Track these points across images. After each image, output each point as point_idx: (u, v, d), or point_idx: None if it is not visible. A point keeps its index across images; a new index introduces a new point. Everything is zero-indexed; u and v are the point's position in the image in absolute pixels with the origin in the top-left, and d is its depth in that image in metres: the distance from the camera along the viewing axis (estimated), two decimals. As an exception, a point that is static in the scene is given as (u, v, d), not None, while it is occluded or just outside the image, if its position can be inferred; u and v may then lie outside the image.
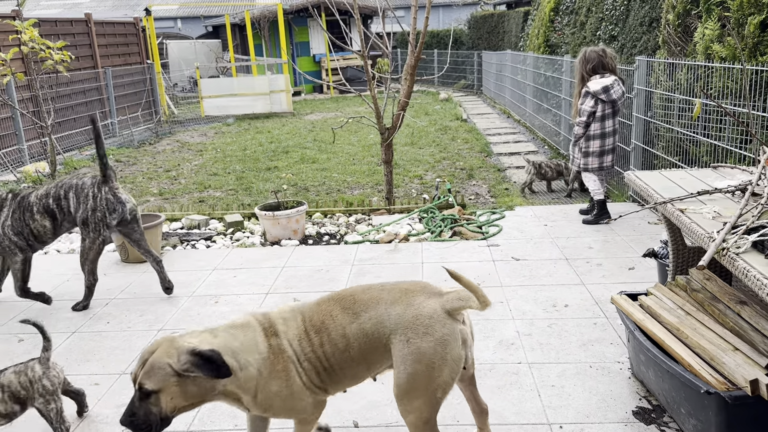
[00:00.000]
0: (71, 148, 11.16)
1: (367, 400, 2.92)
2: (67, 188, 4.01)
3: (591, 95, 5.29)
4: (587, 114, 5.31)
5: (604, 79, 5.30)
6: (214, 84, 15.43)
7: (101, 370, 3.33)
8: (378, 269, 4.59)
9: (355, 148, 10.37)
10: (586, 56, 5.36)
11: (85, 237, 4.02)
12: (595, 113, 5.31)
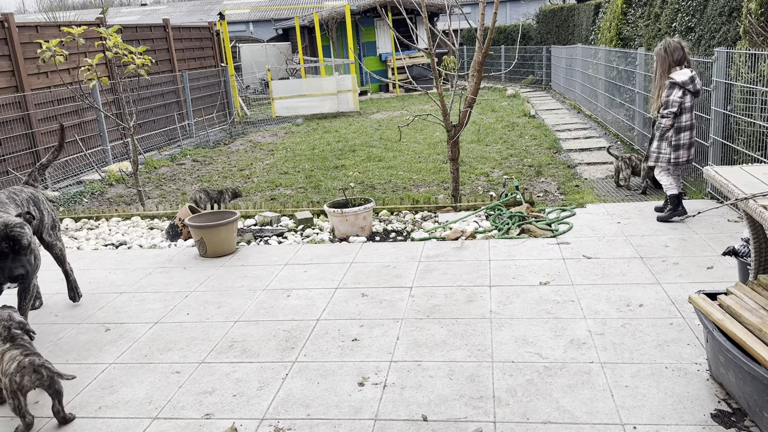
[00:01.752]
0: (151, 148, 11.72)
1: (436, 394, 2.95)
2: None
3: (678, 86, 5.12)
4: (677, 105, 5.13)
5: (686, 70, 5.14)
6: (284, 85, 15.81)
7: (181, 359, 3.50)
8: (445, 266, 4.61)
9: (420, 146, 10.39)
10: (670, 47, 5.18)
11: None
12: (684, 104, 5.15)
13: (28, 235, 3.34)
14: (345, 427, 2.76)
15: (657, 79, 5.32)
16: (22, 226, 3.32)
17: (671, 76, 5.16)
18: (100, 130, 10.48)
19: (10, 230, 3.27)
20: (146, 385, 3.25)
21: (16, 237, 3.27)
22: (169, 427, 2.86)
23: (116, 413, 3.01)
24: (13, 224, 3.29)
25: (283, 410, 2.93)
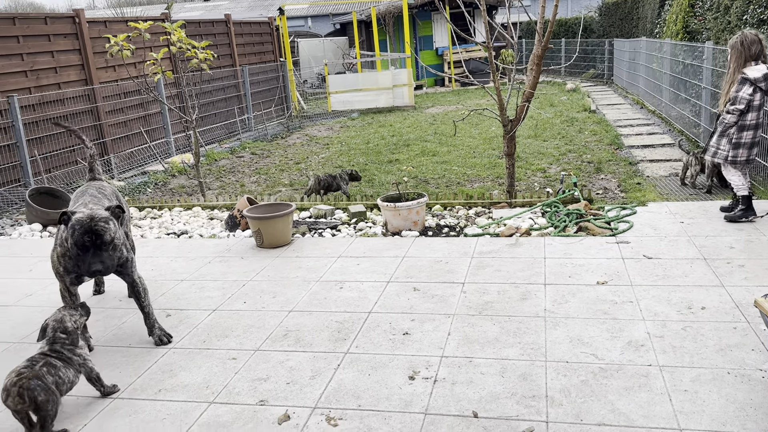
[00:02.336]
0: (212, 141, 12.05)
1: (487, 391, 2.93)
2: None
3: (750, 82, 4.88)
4: (745, 102, 4.89)
5: (762, 66, 4.88)
6: (340, 80, 15.95)
7: (238, 345, 3.60)
8: (498, 262, 4.56)
9: (475, 140, 10.30)
10: (747, 39, 4.92)
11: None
12: (752, 102, 4.90)
13: (111, 230, 3.27)
14: (395, 419, 2.78)
15: (730, 74, 5.07)
16: (107, 221, 3.26)
17: (744, 71, 4.92)
18: (163, 123, 10.84)
19: (95, 224, 3.22)
20: (204, 370, 3.35)
21: (99, 232, 3.21)
22: (225, 412, 2.95)
23: (175, 396, 3.12)
24: (98, 218, 3.24)
25: (335, 400, 2.97)
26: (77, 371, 2.97)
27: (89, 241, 3.19)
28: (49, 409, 2.73)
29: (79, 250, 3.22)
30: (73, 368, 2.94)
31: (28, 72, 8.47)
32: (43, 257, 5.47)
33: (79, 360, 2.98)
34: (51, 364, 2.84)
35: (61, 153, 8.79)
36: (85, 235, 3.18)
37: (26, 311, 4.32)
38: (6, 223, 7.06)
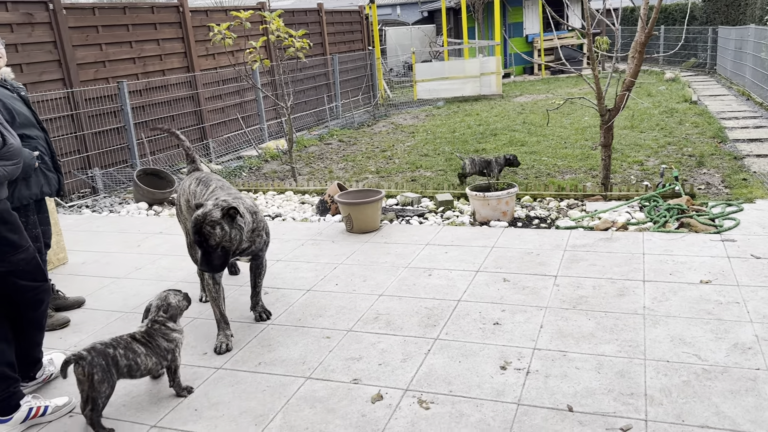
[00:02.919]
0: (301, 128, 12.37)
1: (582, 386, 2.89)
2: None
3: None
4: None
5: None
6: (426, 68, 15.90)
7: (331, 325, 3.72)
8: (593, 257, 4.45)
9: (567, 131, 10.02)
10: None
11: None
12: None
13: (217, 235, 3.24)
14: (487, 407, 2.79)
15: None
16: (214, 226, 3.23)
17: None
18: (258, 110, 11.24)
19: (203, 227, 3.23)
20: (300, 346, 3.49)
21: (205, 235, 3.23)
22: (320, 387, 3.06)
23: (273, 370, 3.27)
24: (209, 221, 3.23)
25: (426, 384, 3.02)
26: (161, 359, 2.97)
27: (198, 241, 3.26)
28: (102, 391, 2.74)
29: (196, 244, 3.32)
30: (157, 356, 2.95)
31: (136, 59, 9.01)
32: (150, 234, 5.84)
33: (169, 346, 2.99)
34: (131, 348, 2.87)
35: (165, 137, 9.30)
36: (195, 234, 3.25)
37: (136, 284, 4.63)
38: (115, 201, 7.58)
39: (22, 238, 2.86)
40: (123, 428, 2.85)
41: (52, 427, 2.91)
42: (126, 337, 2.93)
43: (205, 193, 3.73)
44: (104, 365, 2.76)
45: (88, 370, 2.71)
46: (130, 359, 2.87)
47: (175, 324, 3.07)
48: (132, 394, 3.12)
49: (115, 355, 2.81)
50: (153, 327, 3.00)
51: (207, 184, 3.82)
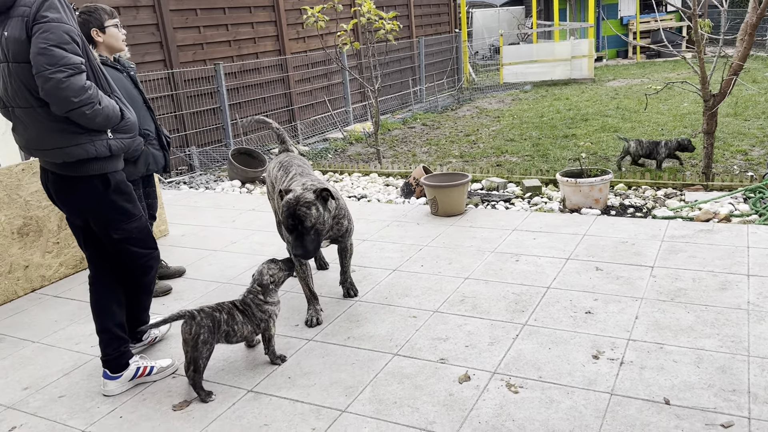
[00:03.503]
0: (385, 111, 12.44)
1: (680, 380, 2.78)
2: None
3: None
4: None
5: None
6: (514, 51, 15.56)
7: (417, 305, 3.76)
8: (692, 248, 4.24)
9: (664, 117, 9.55)
10: None
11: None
12: None
13: (313, 216, 3.24)
14: (579, 395, 2.75)
15: None
16: (309, 207, 3.23)
17: None
18: (344, 93, 11.40)
19: (297, 209, 3.23)
20: (387, 324, 3.55)
21: (301, 217, 3.22)
22: (408, 364, 3.11)
23: (362, 344, 3.35)
24: (303, 202, 3.23)
25: (514, 368, 3.00)
26: (256, 327, 3.11)
27: (292, 225, 3.25)
28: (203, 352, 2.90)
29: (287, 230, 3.30)
30: (252, 325, 3.09)
31: (231, 42, 9.34)
32: (244, 210, 6.09)
33: (263, 316, 3.10)
34: (232, 315, 3.03)
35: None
36: (289, 218, 3.23)
37: (232, 256, 4.85)
38: (210, 178, 7.94)
39: (136, 207, 3.06)
40: (222, 390, 3.02)
41: (156, 387, 3.12)
42: (228, 304, 3.08)
43: (285, 179, 3.77)
44: (210, 327, 2.93)
45: (195, 330, 2.87)
46: (230, 325, 3.02)
47: (269, 296, 3.17)
48: (230, 360, 3.29)
49: (220, 320, 2.98)
50: (248, 297, 3.14)
51: (287, 169, 3.84)
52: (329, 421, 2.72)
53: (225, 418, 2.81)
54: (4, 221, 4.31)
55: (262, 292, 3.14)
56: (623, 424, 2.53)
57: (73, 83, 2.62)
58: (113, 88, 2.93)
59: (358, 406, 2.81)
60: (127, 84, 3.93)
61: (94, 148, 2.81)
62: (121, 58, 4.07)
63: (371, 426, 2.67)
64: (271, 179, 4.03)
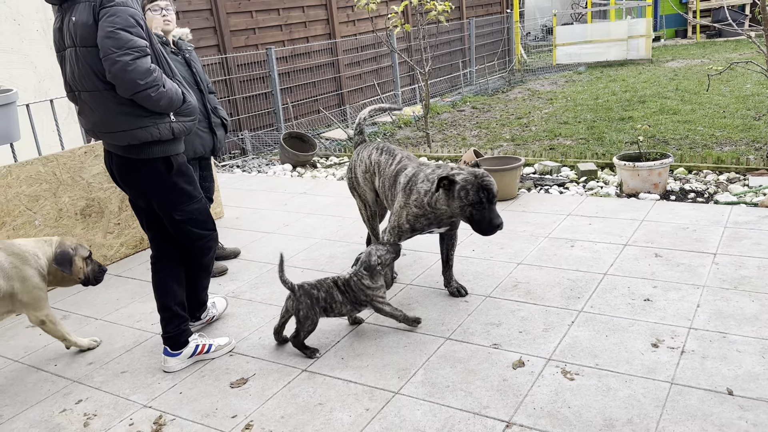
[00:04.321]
0: (434, 94, 12.33)
1: (744, 370, 2.69)
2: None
3: None
4: None
5: None
6: (567, 31, 15.14)
7: (469, 290, 3.73)
8: (758, 235, 4.07)
9: (726, 99, 9.14)
10: None
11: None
12: None
13: (495, 184, 3.23)
14: (638, 383, 2.69)
15: None
16: (490, 176, 3.22)
17: None
18: (393, 76, 11.35)
19: (483, 180, 3.17)
20: (438, 308, 3.55)
21: (488, 186, 3.17)
22: (460, 348, 3.11)
23: (422, 328, 3.35)
24: (482, 174, 3.21)
25: (570, 355, 2.96)
26: (356, 307, 3.23)
27: (485, 197, 3.16)
28: (306, 325, 3.12)
29: (474, 209, 3.19)
30: (352, 305, 3.22)
31: (282, 26, 9.41)
32: (295, 193, 6.16)
33: (364, 299, 3.21)
34: (331, 294, 3.17)
35: (306, 102, 9.69)
36: (480, 191, 3.15)
37: (284, 238, 4.93)
38: (262, 162, 8.06)
39: (196, 189, 3.14)
40: (277, 369, 3.08)
41: (214, 364, 3.21)
42: (329, 282, 3.20)
43: (391, 162, 3.63)
44: (309, 303, 3.11)
45: (295, 305, 3.13)
46: (328, 302, 3.17)
47: (375, 279, 3.22)
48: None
49: (318, 297, 3.14)
50: (353, 279, 3.22)
51: (391, 153, 3.71)
52: (383, 402, 2.75)
53: (281, 396, 2.87)
54: (68, 203, 4.49)
55: (369, 276, 3.21)
56: (684, 413, 2.47)
57: (139, 66, 2.69)
58: (174, 72, 2.99)
59: (411, 388, 2.83)
60: (179, 66, 4.00)
61: (158, 131, 2.89)
62: (180, 42, 4.15)
63: (424, 408, 2.68)
64: (365, 167, 3.80)
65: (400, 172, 3.55)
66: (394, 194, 3.57)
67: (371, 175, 3.81)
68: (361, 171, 3.87)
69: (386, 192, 3.67)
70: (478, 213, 3.21)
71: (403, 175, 3.50)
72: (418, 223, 3.43)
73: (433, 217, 3.41)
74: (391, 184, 3.60)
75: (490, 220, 3.22)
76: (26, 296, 3.15)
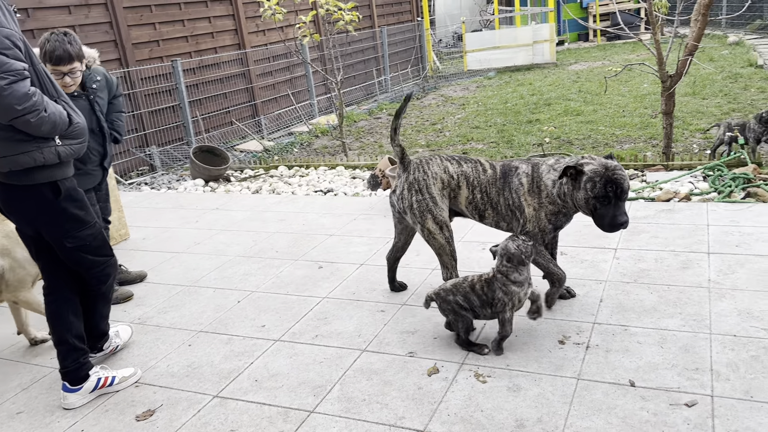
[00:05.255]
0: (350, 103, 12.35)
1: (644, 361, 2.81)
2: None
3: None
4: None
5: None
6: (477, 38, 15.57)
7: (385, 299, 3.73)
8: (654, 228, 4.30)
9: (625, 99, 9.66)
10: None
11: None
12: None
13: (627, 178, 3.02)
14: (546, 381, 2.75)
15: None
16: (622, 169, 3.01)
17: None
18: (308, 86, 11.27)
19: (614, 173, 2.94)
20: (355, 319, 3.52)
21: (618, 180, 2.94)
22: (376, 360, 3.09)
23: (330, 342, 3.31)
24: (614, 166, 2.98)
25: (483, 357, 3.00)
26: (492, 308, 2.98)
27: (612, 192, 2.95)
28: (458, 326, 3.11)
29: (599, 203, 2.97)
30: (491, 308, 2.98)
31: (188, 37, 9.14)
32: (207, 210, 5.98)
33: (504, 298, 2.92)
34: (468, 299, 3.01)
35: (218, 114, 9.45)
36: (608, 185, 2.94)
37: (195, 258, 4.76)
38: (172, 178, 7.78)
39: (89, 214, 2.96)
40: (187, 398, 2.95)
41: (119, 397, 3.04)
42: (466, 286, 3.05)
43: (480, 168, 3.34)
44: (450, 309, 3.09)
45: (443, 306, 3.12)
46: (467, 301, 3.06)
47: (519, 274, 2.92)
48: (194, 366, 3.22)
49: (456, 300, 3.06)
50: (495, 277, 2.96)
51: (472, 160, 3.40)
52: (297, 423, 2.68)
53: (191, 426, 2.75)
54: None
55: (514, 269, 2.90)
56: (590, 408, 2.55)
57: (16, 90, 2.51)
58: (60, 92, 2.82)
59: (327, 405, 2.78)
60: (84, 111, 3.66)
61: (42, 155, 2.71)
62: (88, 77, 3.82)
63: (340, 425, 2.64)
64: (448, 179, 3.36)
65: (509, 175, 3.25)
66: (499, 202, 3.28)
67: (452, 191, 3.36)
68: (438, 189, 3.35)
69: (485, 203, 3.32)
70: (602, 208, 2.98)
71: (520, 175, 3.21)
72: (558, 221, 3.20)
73: (566, 211, 3.17)
74: (499, 190, 3.27)
75: (614, 216, 2.97)
76: None
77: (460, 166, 3.37)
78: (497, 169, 3.33)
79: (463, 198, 3.37)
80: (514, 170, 3.26)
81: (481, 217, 3.41)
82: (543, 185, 3.16)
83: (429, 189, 3.35)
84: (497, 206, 3.30)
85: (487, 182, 3.30)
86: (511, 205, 3.25)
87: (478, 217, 3.42)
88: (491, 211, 3.34)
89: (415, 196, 3.37)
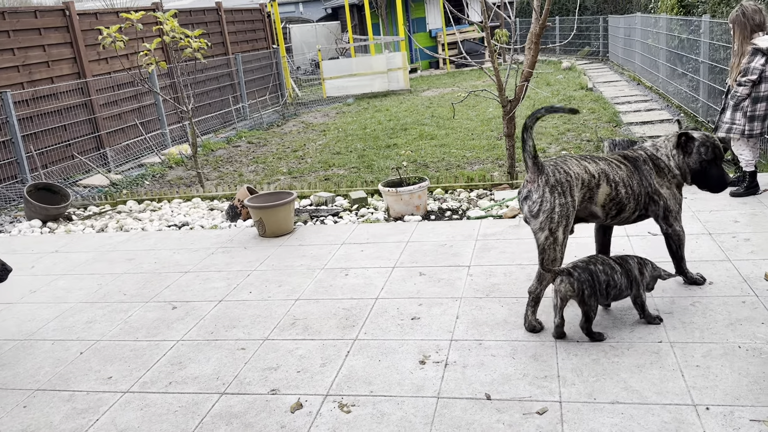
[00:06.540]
0: (207, 131, 11.97)
1: (498, 373, 2.93)
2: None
3: (762, 53, 4.82)
4: (758, 72, 4.83)
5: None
6: (334, 65, 15.83)
7: (246, 336, 3.59)
8: (503, 244, 4.55)
9: (473, 122, 10.25)
10: (748, 11, 4.88)
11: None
12: (765, 73, 4.85)
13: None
14: (408, 404, 2.78)
15: (737, 47, 5.02)
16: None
17: (754, 42, 4.86)
18: (158, 114, 10.76)
19: (713, 140, 3.39)
20: (213, 361, 3.34)
21: (720, 146, 3.40)
22: (237, 402, 2.94)
23: (185, 389, 3.11)
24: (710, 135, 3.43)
25: (346, 387, 2.97)
26: (630, 284, 3.13)
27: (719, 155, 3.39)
28: (592, 305, 3.04)
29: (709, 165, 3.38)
30: (628, 280, 3.11)
31: (20, 67, 8.39)
32: (45, 253, 5.45)
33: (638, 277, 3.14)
34: (609, 265, 3.08)
35: (58, 148, 8.72)
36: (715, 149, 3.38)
37: (31, 308, 4.30)
38: (5, 220, 7.02)
39: None
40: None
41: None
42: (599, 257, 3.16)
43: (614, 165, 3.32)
44: (590, 280, 3.01)
45: (578, 286, 3.00)
46: (608, 275, 3.05)
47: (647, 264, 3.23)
48: (30, 429, 2.87)
49: (596, 270, 3.03)
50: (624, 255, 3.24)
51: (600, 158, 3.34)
52: (149, 481, 2.47)
53: (23, 502, 2.43)
54: None
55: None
56: (449, 426, 2.60)
57: None
58: None
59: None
60: None
61: None
62: None
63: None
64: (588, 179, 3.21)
65: (638, 165, 3.39)
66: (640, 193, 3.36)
67: (589, 190, 3.22)
68: (579, 190, 3.20)
69: (629, 196, 3.32)
70: (713, 168, 3.38)
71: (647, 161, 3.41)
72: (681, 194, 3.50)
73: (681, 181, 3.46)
74: (639, 182, 3.35)
75: (722, 176, 3.40)
76: None
77: (597, 165, 3.30)
78: (628, 162, 3.41)
79: (602, 196, 3.26)
80: (640, 159, 3.42)
81: (619, 212, 3.36)
82: (662, 163, 3.42)
83: (572, 191, 3.17)
84: (639, 197, 3.38)
85: (628, 176, 3.34)
86: (651, 192, 3.39)
87: (615, 212, 3.35)
88: (633, 203, 3.36)
89: (559, 199, 3.14)
